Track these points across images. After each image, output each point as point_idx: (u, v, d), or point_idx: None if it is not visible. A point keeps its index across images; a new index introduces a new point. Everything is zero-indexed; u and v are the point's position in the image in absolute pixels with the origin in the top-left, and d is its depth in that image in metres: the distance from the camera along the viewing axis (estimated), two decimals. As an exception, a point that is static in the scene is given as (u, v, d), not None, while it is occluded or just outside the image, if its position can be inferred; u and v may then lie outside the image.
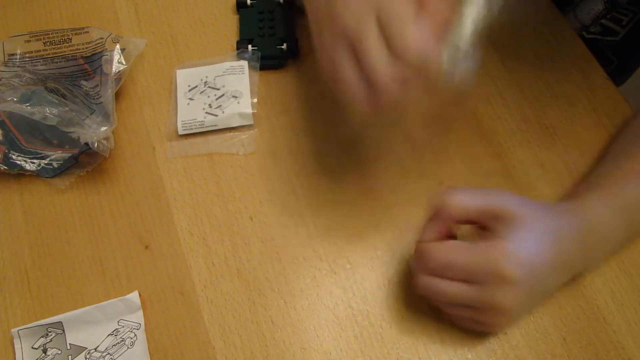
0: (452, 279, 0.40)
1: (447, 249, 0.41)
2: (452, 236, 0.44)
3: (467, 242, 0.41)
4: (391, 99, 0.37)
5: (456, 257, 0.40)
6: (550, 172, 0.52)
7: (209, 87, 0.56)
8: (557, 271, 0.42)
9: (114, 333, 0.46)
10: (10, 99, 0.52)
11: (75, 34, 0.59)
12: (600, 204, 0.44)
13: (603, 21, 0.57)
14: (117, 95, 0.56)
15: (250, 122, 0.55)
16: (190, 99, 0.56)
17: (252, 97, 0.56)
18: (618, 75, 0.68)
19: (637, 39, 0.60)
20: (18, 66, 0.57)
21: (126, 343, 0.46)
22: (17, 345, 0.45)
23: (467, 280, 0.40)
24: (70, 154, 0.53)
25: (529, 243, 0.40)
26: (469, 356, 0.45)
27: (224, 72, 0.57)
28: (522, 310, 0.44)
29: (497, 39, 0.60)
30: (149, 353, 0.45)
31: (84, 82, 0.56)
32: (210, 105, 0.55)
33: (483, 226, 0.42)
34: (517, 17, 0.57)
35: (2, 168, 0.52)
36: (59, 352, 0.45)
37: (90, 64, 0.57)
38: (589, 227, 0.43)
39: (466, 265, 0.40)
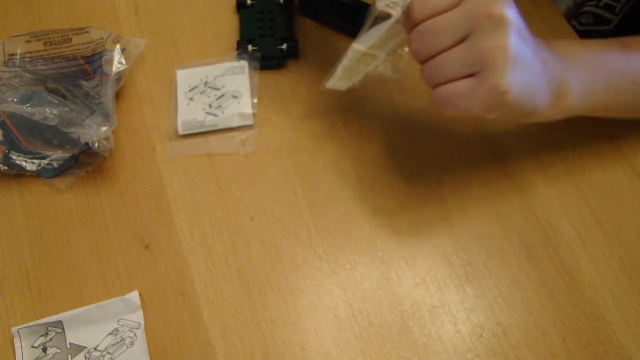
0: (444, 44, 0.39)
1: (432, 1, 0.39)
2: None
3: None
4: None
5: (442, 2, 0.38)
6: (550, 172, 0.52)
7: (209, 87, 0.56)
8: (539, 56, 0.41)
9: (114, 332, 0.46)
10: (11, 100, 0.52)
11: (76, 34, 0.59)
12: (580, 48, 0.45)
13: (595, 10, 0.56)
14: (117, 95, 0.56)
15: (250, 122, 0.55)
16: (191, 99, 0.56)
17: (252, 97, 0.56)
18: None
19: (631, 26, 0.60)
20: (18, 66, 0.57)
21: (126, 342, 0.46)
22: (17, 344, 0.45)
23: (459, 36, 0.38)
24: (70, 154, 0.53)
25: (518, 24, 0.38)
26: (469, 356, 0.45)
27: (224, 72, 0.57)
28: (517, 65, 0.38)
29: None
30: (149, 353, 0.45)
31: (84, 82, 0.56)
32: (210, 105, 0.55)
33: None
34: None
35: (2, 168, 0.52)
36: (59, 351, 0.45)
37: (91, 64, 0.57)
38: (565, 53, 0.44)
39: (454, 11, 0.38)
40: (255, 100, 0.56)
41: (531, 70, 0.40)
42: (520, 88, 0.39)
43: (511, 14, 0.38)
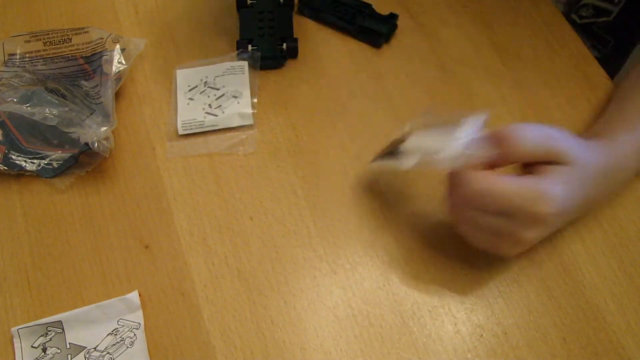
0: (484, 210, 0.41)
1: (487, 179, 0.40)
2: None
3: (506, 175, 0.41)
4: None
5: (495, 188, 0.40)
6: (550, 172, 0.52)
7: (209, 87, 0.56)
8: (579, 208, 0.44)
9: (114, 332, 0.46)
10: (11, 100, 0.52)
11: (75, 34, 0.59)
12: (628, 143, 0.46)
13: (594, 2, 0.57)
14: (117, 95, 0.56)
15: (250, 122, 0.55)
16: (190, 99, 0.56)
17: (252, 97, 0.56)
18: (616, 55, 0.68)
19: (631, 16, 0.60)
20: (18, 66, 0.57)
21: (126, 342, 0.46)
22: (16, 344, 0.45)
23: (499, 212, 0.40)
24: (70, 154, 0.53)
25: (568, 187, 0.41)
26: (469, 356, 0.45)
27: (224, 72, 0.57)
28: (537, 241, 0.44)
29: (497, 39, 0.60)
30: (149, 353, 0.45)
31: (84, 82, 0.56)
32: (210, 105, 0.55)
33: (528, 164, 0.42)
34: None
35: (2, 168, 0.52)
36: (59, 351, 0.45)
37: (90, 64, 0.57)
38: (615, 164, 0.45)
39: (503, 196, 0.40)
40: (255, 100, 0.56)
41: (562, 224, 0.45)
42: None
43: (552, 215, 0.40)
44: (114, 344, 0.45)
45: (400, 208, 0.51)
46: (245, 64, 0.57)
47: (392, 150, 0.46)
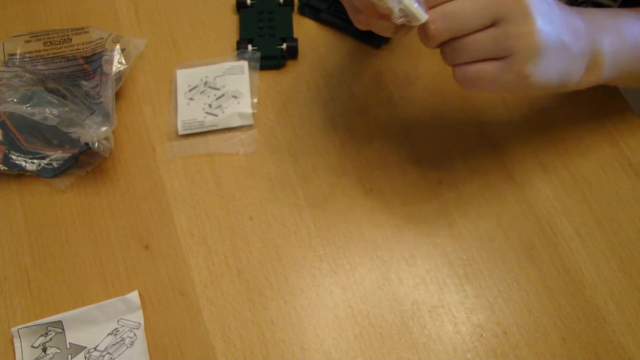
0: (471, 28, 0.39)
1: None
2: None
3: None
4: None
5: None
6: (551, 172, 0.52)
7: (209, 87, 0.56)
8: (571, 29, 0.41)
9: (114, 332, 0.46)
10: (11, 100, 0.52)
11: (76, 34, 0.59)
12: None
13: None
14: (117, 95, 0.56)
15: (250, 122, 0.55)
16: (191, 99, 0.56)
17: (252, 97, 0.56)
18: None
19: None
20: (18, 66, 0.57)
21: (126, 342, 0.46)
22: (16, 344, 0.45)
23: (486, 22, 0.38)
24: (70, 154, 0.53)
25: None
26: (469, 356, 0.45)
27: (224, 72, 0.57)
28: (545, 50, 0.39)
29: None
30: (149, 353, 0.45)
31: (84, 82, 0.56)
32: (210, 105, 0.55)
33: None
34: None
35: (2, 168, 0.52)
36: (59, 351, 0.45)
37: (91, 64, 0.57)
38: (595, 20, 0.44)
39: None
40: (255, 100, 0.56)
41: (562, 50, 0.40)
42: (548, 71, 0.40)
43: (539, 3, 0.38)
44: (114, 344, 0.45)
45: (400, 208, 0.51)
46: (245, 64, 0.57)
47: None
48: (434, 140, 0.54)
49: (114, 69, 0.55)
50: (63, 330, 0.46)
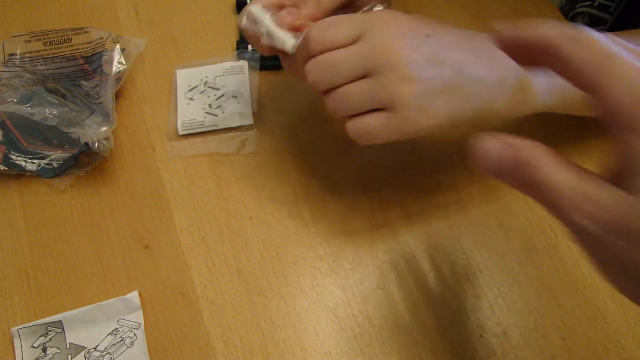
0: (345, 78, 0.38)
1: (325, 21, 0.39)
2: None
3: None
4: None
5: (337, 28, 0.38)
6: (550, 172, 0.52)
7: (209, 87, 0.56)
8: (482, 57, 0.39)
9: (114, 332, 0.46)
10: (10, 100, 0.52)
11: (75, 34, 0.59)
12: None
13: (590, 10, 0.56)
14: (117, 95, 0.56)
15: (250, 122, 0.55)
16: (190, 99, 0.56)
17: (252, 97, 0.56)
18: None
19: (626, 25, 0.60)
20: (18, 66, 0.57)
21: (126, 342, 0.46)
22: (16, 344, 0.45)
23: (360, 71, 0.38)
24: (70, 154, 0.53)
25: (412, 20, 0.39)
26: (469, 356, 0.45)
27: (224, 72, 0.57)
28: (435, 93, 0.38)
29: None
30: (149, 353, 0.45)
31: (84, 82, 0.56)
32: (210, 105, 0.55)
33: None
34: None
35: (2, 168, 0.52)
36: (59, 351, 0.45)
37: (90, 64, 0.57)
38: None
39: (354, 46, 0.37)
40: (255, 100, 0.56)
41: (456, 88, 0.38)
42: (440, 112, 0.38)
43: (412, 48, 0.37)
44: (114, 344, 0.45)
45: (400, 208, 0.51)
46: (245, 64, 0.57)
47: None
48: (434, 140, 0.54)
49: (113, 69, 0.55)
50: (63, 330, 0.46)
